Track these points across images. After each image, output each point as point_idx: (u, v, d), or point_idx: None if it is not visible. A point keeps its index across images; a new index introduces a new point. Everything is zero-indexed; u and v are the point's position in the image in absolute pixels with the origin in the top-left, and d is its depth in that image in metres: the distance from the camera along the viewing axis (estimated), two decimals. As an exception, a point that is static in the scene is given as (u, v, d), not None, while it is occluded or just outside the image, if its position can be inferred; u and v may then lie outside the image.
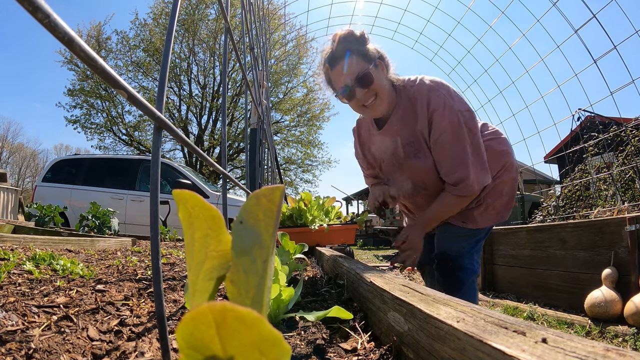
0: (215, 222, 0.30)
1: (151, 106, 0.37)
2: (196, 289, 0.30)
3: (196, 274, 0.30)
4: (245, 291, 0.28)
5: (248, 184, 1.79)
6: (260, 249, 0.29)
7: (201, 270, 0.30)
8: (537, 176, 10.00)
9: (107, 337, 0.62)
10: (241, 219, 0.30)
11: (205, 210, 0.29)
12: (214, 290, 0.30)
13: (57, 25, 0.22)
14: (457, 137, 1.31)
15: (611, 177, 4.92)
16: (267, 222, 0.29)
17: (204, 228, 0.30)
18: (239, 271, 0.28)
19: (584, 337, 0.32)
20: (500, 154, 1.49)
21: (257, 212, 0.29)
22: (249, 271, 0.28)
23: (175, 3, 0.48)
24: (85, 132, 15.08)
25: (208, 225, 0.30)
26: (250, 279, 0.28)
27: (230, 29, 0.92)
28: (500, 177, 1.49)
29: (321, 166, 16.98)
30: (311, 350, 0.64)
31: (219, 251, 0.30)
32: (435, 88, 1.36)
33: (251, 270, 0.28)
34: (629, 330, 1.98)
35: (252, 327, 0.19)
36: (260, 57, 2.51)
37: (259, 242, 0.29)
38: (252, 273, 0.28)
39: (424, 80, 1.40)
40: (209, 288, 0.30)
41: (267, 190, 0.30)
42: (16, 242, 1.89)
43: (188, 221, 0.30)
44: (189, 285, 0.30)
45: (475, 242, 1.54)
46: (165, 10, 14.51)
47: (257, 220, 0.29)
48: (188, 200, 0.30)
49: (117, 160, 6.86)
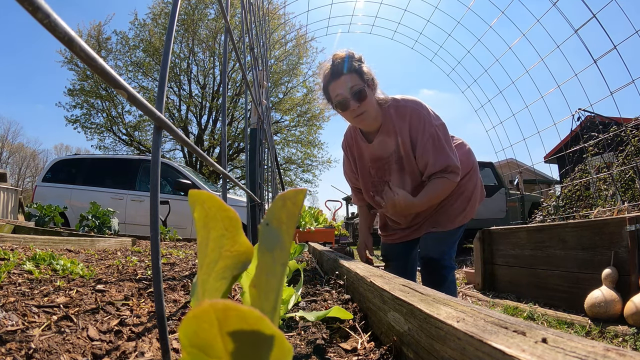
0: (232, 223, 0.30)
1: (151, 106, 0.37)
2: (206, 288, 0.30)
3: (208, 273, 0.30)
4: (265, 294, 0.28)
5: (248, 184, 1.78)
6: (281, 252, 0.29)
7: (213, 270, 0.30)
8: (537, 176, 10.00)
9: (107, 337, 0.62)
10: (267, 221, 0.30)
11: (222, 211, 0.30)
12: (227, 290, 0.30)
13: (57, 25, 0.22)
14: (438, 143, 1.61)
15: (611, 177, 4.92)
16: (288, 225, 0.30)
17: (220, 228, 0.30)
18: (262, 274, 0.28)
19: (584, 337, 0.32)
20: (467, 163, 1.78)
21: (281, 214, 0.30)
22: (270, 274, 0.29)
23: (175, 3, 0.48)
24: (85, 132, 15.07)
25: (224, 225, 0.30)
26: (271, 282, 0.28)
27: (230, 29, 0.92)
28: (465, 184, 1.77)
29: (321, 166, 16.97)
30: (311, 350, 0.64)
31: (234, 251, 0.30)
32: (416, 108, 1.64)
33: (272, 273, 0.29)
34: (629, 330, 1.98)
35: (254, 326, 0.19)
36: (260, 57, 2.51)
37: (280, 244, 0.29)
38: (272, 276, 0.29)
39: (407, 101, 1.68)
40: (220, 287, 0.30)
41: (292, 193, 0.30)
42: (16, 242, 1.89)
43: (204, 221, 0.30)
44: (198, 284, 0.30)
45: (452, 243, 1.81)
46: (164, 11, 14.50)
47: (280, 222, 0.30)
48: (205, 201, 0.30)
49: (117, 160, 6.85)
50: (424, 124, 1.61)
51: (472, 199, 1.80)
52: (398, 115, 1.65)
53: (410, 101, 1.67)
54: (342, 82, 1.59)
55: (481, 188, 1.87)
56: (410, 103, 1.66)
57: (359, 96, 1.59)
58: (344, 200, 15.22)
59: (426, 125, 1.61)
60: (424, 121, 1.61)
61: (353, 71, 1.59)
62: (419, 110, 1.63)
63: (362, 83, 1.59)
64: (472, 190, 1.80)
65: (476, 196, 1.82)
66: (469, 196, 1.79)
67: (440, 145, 1.60)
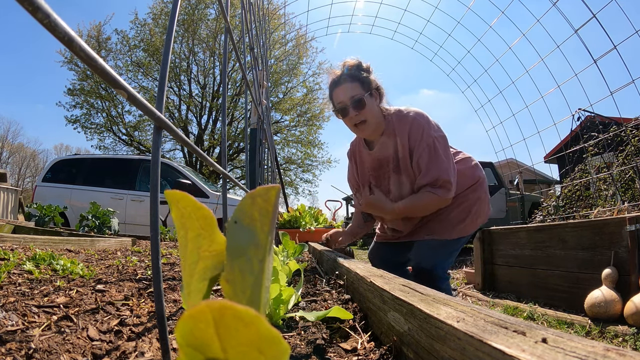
0: (207, 221, 0.29)
1: (151, 106, 0.37)
2: (191, 290, 0.30)
3: (190, 274, 0.30)
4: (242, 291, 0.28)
5: (248, 184, 1.79)
6: (256, 249, 0.29)
7: (195, 271, 0.30)
8: (537, 176, 10.00)
9: (107, 337, 0.62)
10: (236, 219, 0.29)
11: (197, 210, 0.29)
12: (208, 291, 0.30)
13: (57, 25, 0.22)
14: (434, 153, 1.62)
15: (611, 177, 4.92)
16: (262, 222, 0.29)
17: (196, 228, 0.29)
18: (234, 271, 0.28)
19: (584, 337, 0.32)
20: (471, 176, 1.78)
21: (252, 211, 0.29)
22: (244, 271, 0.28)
23: (175, 3, 0.48)
24: (85, 132, 15.07)
25: (200, 225, 0.29)
26: (246, 279, 0.28)
27: (230, 29, 0.92)
28: (467, 194, 1.75)
29: (321, 166, 16.97)
30: (311, 350, 0.64)
31: (212, 251, 0.29)
32: (417, 118, 1.67)
33: (247, 270, 0.28)
34: (629, 330, 1.98)
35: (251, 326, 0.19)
36: (260, 57, 2.51)
37: (254, 241, 0.29)
38: (248, 273, 0.28)
39: (409, 111, 1.71)
40: (203, 288, 0.29)
41: (262, 190, 0.30)
42: (16, 242, 1.89)
43: (180, 221, 0.30)
44: (184, 286, 0.30)
45: (447, 254, 1.77)
46: (164, 10, 14.49)
47: (253, 219, 0.29)
48: (180, 201, 0.29)
49: (117, 160, 6.85)
50: (423, 133, 1.64)
51: (473, 212, 1.74)
52: (399, 122, 1.70)
53: (413, 111, 1.71)
54: (344, 89, 1.66)
55: (487, 205, 1.81)
56: (412, 112, 1.70)
57: (357, 105, 1.65)
58: (344, 200, 15.20)
59: (424, 134, 1.63)
60: (422, 130, 1.64)
61: (356, 80, 1.66)
62: (419, 119, 1.66)
63: (364, 92, 1.65)
64: (473, 203, 1.75)
65: (478, 210, 1.76)
66: (469, 208, 1.74)
67: (436, 156, 1.61)
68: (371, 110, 1.67)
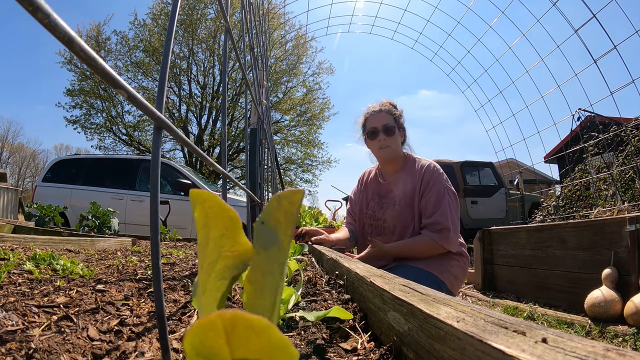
0: (233, 222, 0.30)
1: (151, 106, 0.37)
2: (206, 288, 0.30)
3: (208, 272, 0.30)
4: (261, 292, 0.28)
5: (248, 184, 1.78)
6: (278, 251, 0.29)
7: (213, 270, 0.30)
8: (537, 176, 10.00)
9: (107, 337, 0.62)
10: (263, 220, 0.30)
11: (223, 211, 0.30)
12: (227, 290, 0.30)
13: (57, 25, 0.22)
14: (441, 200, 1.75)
15: (611, 177, 4.92)
16: (286, 225, 0.30)
17: (221, 228, 0.30)
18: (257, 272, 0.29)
19: (584, 337, 0.32)
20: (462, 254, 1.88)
21: (278, 214, 0.30)
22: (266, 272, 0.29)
23: (175, 3, 0.48)
24: (85, 132, 15.06)
25: (225, 225, 0.30)
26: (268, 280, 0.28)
27: (229, 29, 0.92)
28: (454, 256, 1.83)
29: (321, 166, 16.97)
30: (311, 350, 0.64)
31: (234, 251, 0.30)
32: (435, 167, 1.87)
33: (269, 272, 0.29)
34: (629, 330, 1.98)
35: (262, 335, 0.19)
36: (260, 57, 2.51)
37: (277, 244, 0.29)
38: (269, 274, 0.29)
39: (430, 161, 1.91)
40: (220, 287, 0.30)
41: (289, 192, 0.30)
42: (16, 242, 1.89)
43: (204, 221, 0.30)
44: (199, 284, 0.30)
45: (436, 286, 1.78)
46: (164, 10, 14.49)
47: (278, 222, 0.30)
48: (206, 201, 0.30)
49: (117, 160, 6.85)
50: (436, 180, 1.80)
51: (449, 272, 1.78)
52: (417, 165, 1.91)
53: (432, 161, 1.91)
54: (380, 117, 1.95)
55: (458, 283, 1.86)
56: (431, 162, 1.90)
57: (387, 131, 1.93)
58: (344, 200, 15.19)
59: (437, 182, 1.80)
60: (436, 177, 1.81)
61: (390, 115, 1.96)
62: (436, 169, 1.86)
63: (395, 124, 1.94)
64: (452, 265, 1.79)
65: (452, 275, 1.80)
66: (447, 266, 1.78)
67: (443, 203, 1.74)
68: (396, 141, 1.93)
